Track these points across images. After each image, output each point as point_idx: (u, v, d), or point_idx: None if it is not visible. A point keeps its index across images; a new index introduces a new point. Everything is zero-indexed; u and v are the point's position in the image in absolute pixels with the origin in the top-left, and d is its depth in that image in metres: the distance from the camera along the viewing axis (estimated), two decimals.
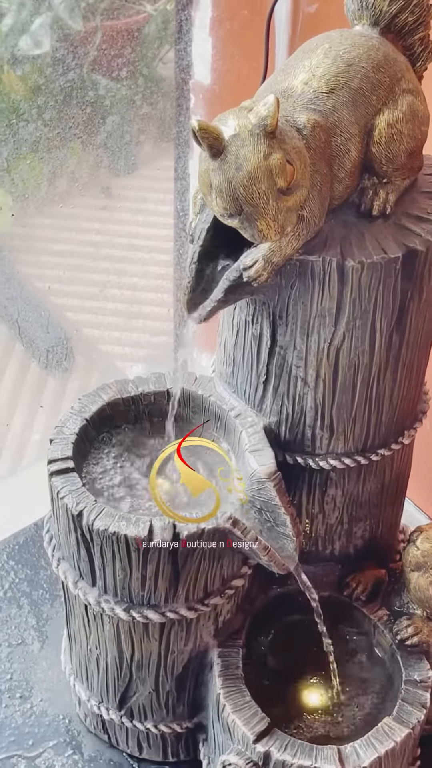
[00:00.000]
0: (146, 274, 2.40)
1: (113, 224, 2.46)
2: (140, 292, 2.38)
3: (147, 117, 2.40)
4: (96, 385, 1.33)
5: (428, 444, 1.50)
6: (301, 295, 1.13)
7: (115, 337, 2.35)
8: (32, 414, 2.20)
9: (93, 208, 2.46)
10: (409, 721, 1.23)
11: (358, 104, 1.09)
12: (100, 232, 2.44)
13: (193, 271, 1.11)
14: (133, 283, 2.39)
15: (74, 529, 1.18)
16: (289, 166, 1.01)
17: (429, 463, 1.56)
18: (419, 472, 1.44)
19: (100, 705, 1.36)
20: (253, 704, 1.23)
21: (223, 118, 1.02)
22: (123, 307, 2.37)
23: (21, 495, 1.97)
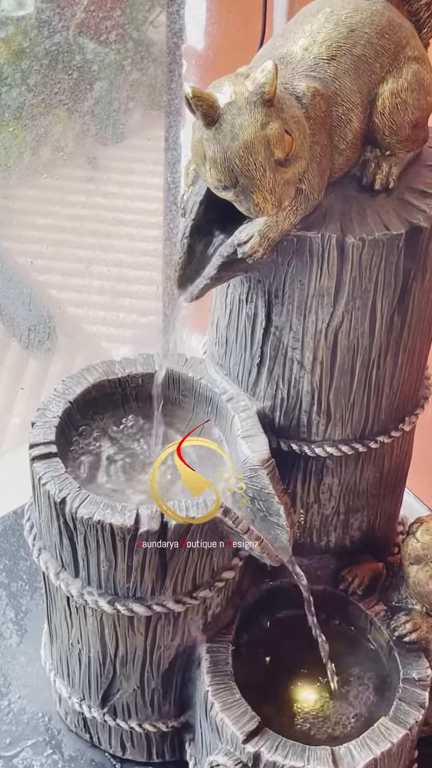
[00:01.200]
0: (134, 251, 2.40)
1: (100, 197, 2.46)
2: (128, 269, 2.38)
3: (137, 83, 2.40)
4: (80, 366, 1.32)
5: (429, 432, 1.50)
6: (298, 273, 1.13)
7: (101, 317, 2.35)
8: (12, 396, 2.20)
9: (78, 180, 2.45)
10: (406, 721, 1.24)
11: (361, 72, 1.09)
12: (85, 204, 2.44)
13: (185, 247, 1.11)
14: (120, 260, 2.39)
15: (57, 517, 1.18)
16: (288, 136, 1.01)
17: (430, 451, 1.56)
18: (420, 461, 1.44)
19: (82, 702, 1.36)
20: (242, 702, 1.24)
21: (218, 84, 1.02)
22: (109, 285, 2.37)
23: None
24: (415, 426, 1.33)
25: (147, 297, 2.35)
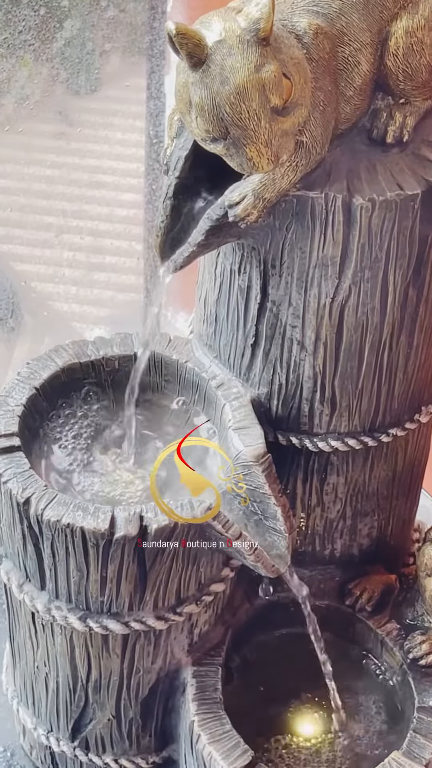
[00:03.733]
0: (111, 217, 2.40)
1: (71, 155, 2.46)
2: (103, 238, 2.39)
3: (114, 22, 2.40)
4: (48, 348, 1.33)
5: None
6: (298, 239, 1.13)
7: (72, 293, 2.35)
8: None
9: (47, 135, 2.45)
10: (422, 756, 1.24)
11: (371, 7, 1.09)
12: (55, 163, 2.44)
13: (168, 208, 1.11)
14: (94, 228, 2.39)
15: (20, 521, 1.18)
16: (286, 80, 1.01)
17: None
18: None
19: (49, 734, 1.37)
20: (233, 734, 1.24)
21: (206, 20, 1.02)
22: (82, 257, 2.37)
23: None
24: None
25: (126, 271, 2.35)
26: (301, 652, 1.31)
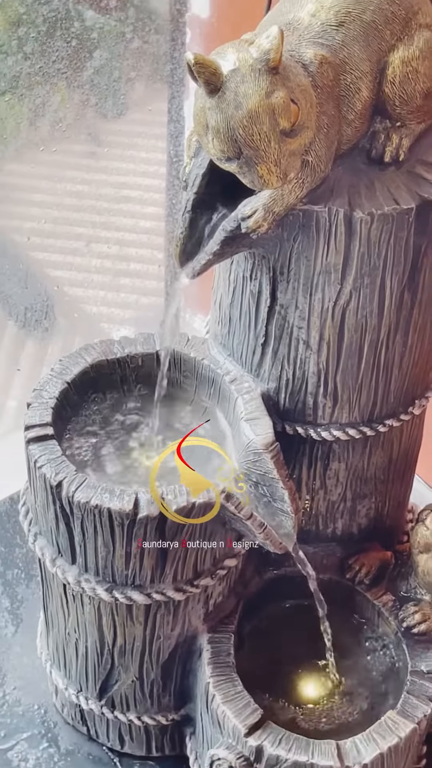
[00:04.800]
0: (135, 228, 2.40)
1: (100, 172, 2.46)
2: (129, 247, 2.38)
3: (138, 53, 2.39)
4: (79, 347, 1.32)
5: None
6: (304, 248, 1.13)
7: (101, 297, 2.35)
8: (8, 378, 2.21)
9: (78, 154, 2.45)
10: (414, 715, 1.24)
11: (371, 39, 1.08)
12: (85, 180, 2.44)
13: (187, 221, 1.11)
14: (120, 238, 2.39)
15: (53, 502, 1.19)
16: (293, 105, 1.01)
17: None
18: (430, 446, 1.44)
19: (79, 694, 1.37)
20: (245, 694, 1.24)
21: (221, 51, 1.02)
22: (109, 264, 2.37)
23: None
24: (426, 410, 1.33)
25: (148, 276, 2.35)
26: (306, 621, 1.31)
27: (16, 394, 2.17)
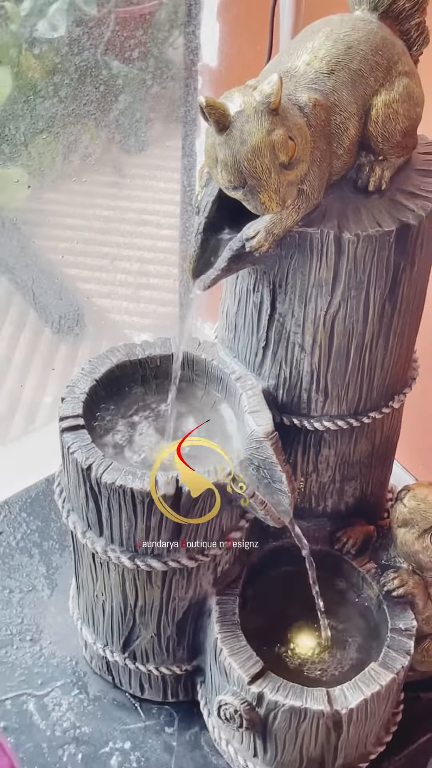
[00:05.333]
0: (154, 248, 2.40)
1: (123, 200, 2.46)
2: (148, 264, 2.38)
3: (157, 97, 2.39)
4: (105, 350, 1.33)
5: (416, 409, 1.50)
6: (299, 265, 1.13)
7: (124, 307, 2.35)
8: (44, 377, 2.21)
9: (104, 184, 2.45)
10: (393, 666, 1.24)
11: (357, 85, 1.08)
12: (111, 206, 2.44)
13: (199, 241, 1.11)
14: (141, 256, 2.39)
15: (83, 483, 1.19)
16: (291, 141, 1.01)
17: (417, 427, 1.56)
18: (407, 435, 1.44)
19: (105, 648, 1.37)
20: (248, 648, 1.24)
21: (229, 95, 1.02)
22: (131, 278, 2.37)
23: (33, 453, 1.98)
24: (404, 404, 1.33)
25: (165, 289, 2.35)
26: (300, 586, 1.31)
27: (51, 390, 2.18)
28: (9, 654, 1.44)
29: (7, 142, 2.26)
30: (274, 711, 1.21)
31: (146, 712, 1.39)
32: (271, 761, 1.28)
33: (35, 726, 1.37)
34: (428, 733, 1.39)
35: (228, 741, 1.32)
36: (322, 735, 1.22)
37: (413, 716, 1.39)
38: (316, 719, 1.20)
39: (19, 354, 2.24)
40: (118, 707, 1.39)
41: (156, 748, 1.36)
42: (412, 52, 1.16)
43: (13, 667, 1.43)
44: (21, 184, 2.34)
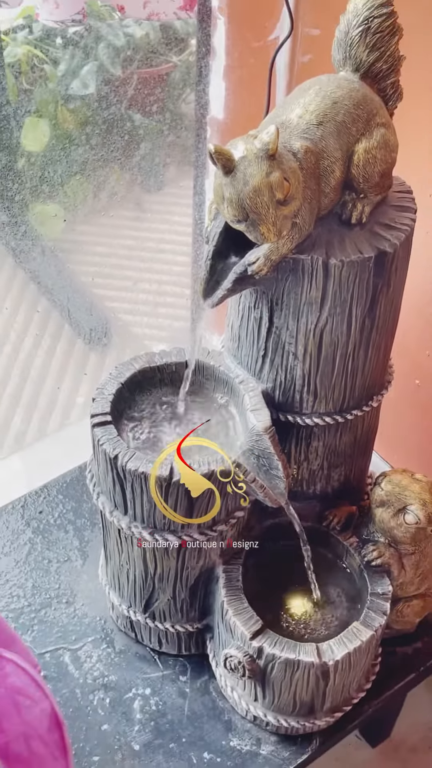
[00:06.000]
0: (170, 271, 2.40)
1: (144, 231, 2.46)
2: (164, 285, 2.39)
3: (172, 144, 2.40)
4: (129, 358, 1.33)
5: (392, 408, 1.50)
6: (293, 286, 1.13)
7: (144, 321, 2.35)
8: (77, 381, 2.21)
9: (128, 218, 2.46)
10: (373, 625, 1.24)
11: (342, 134, 1.08)
12: (133, 237, 2.44)
13: (208, 267, 1.11)
14: (159, 278, 2.39)
15: (111, 470, 1.19)
16: (286, 182, 1.01)
17: (392, 422, 1.56)
18: (384, 429, 1.44)
19: (129, 609, 1.37)
20: (249, 609, 1.24)
21: (233, 143, 1.02)
22: (151, 297, 2.37)
23: (68, 445, 1.98)
24: (381, 403, 1.33)
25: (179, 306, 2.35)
26: (294, 557, 1.31)
27: (83, 392, 2.18)
28: (48, 614, 1.44)
29: (46, 182, 2.27)
30: (272, 662, 1.21)
31: (164, 663, 1.39)
32: (269, 705, 1.28)
33: (70, 675, 1.38)
34: (402, 681, 1.39)
35: (233, 687, 1.32)
36: (312, 683, 1.22)
37: (389, 667, 1.39)
38: (307, 669, 1.20)
39: (56, 361, 2.24)
40: (139, 659, 1.39)
41: (172, 694, 1.36)
42: (388, 107, 1.16)
43: (51, 625, 1.43)
44: (58, 218, 2.35)
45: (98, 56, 2.34)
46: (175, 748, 1.30)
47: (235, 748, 1.30)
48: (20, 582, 1.48)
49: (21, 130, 2.28)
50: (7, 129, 2.23)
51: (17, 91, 2.32)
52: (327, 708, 1.28)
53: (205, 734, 1.32)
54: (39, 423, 2.10)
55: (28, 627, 1.43)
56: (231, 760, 1.29)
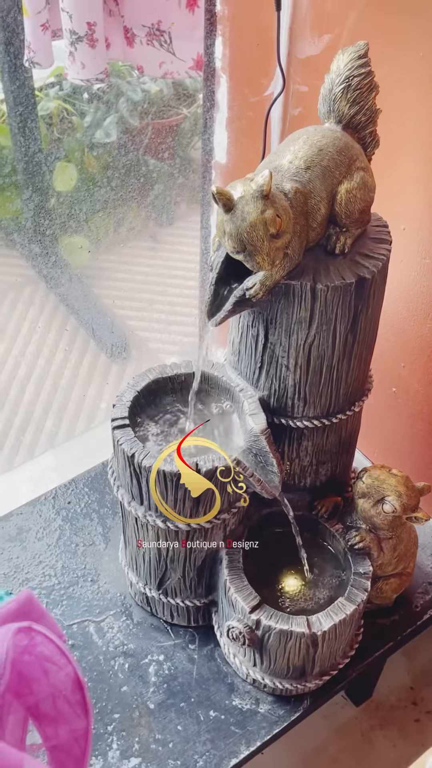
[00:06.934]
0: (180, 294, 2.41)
1: (158, 260, 2.47)
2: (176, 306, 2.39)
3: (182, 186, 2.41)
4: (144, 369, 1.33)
5: (372, 412, 1.50)
6: (285, 307, 1.13)
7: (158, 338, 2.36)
8: (101, 389, 2.21)
9: (144, 249, 2.47)
10: (356, 600, 1.24)
11: (327, 177, 1.09)
12: (149, 265, 2.45)
13: (212, 291, 1.11)
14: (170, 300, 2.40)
15: (129, 466, 1.19)
16: (278, 218, 1.01)
17: (372, 425, 1.56)
18: (365, 430, 1.44)
19: (145, 586, 1.37)
20: (249, 587, 1.24)
21: (233, 185, 1.02)
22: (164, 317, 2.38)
23: (92, 444, 1.98)
24: (362, 408, 1.33)
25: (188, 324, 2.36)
26: (288, 541, 1.31)
27: (106, 399, 2.18)
28: (75, 591, 1.45)
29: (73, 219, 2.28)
30: (268, 633, 1.21)
31: (175, 633, 1.39)
32: (266, 669, 1.28)
33: (94, 643, 1.37)
34: (381, 648, 1.39)
35: (234, 654, 1.32)
36: (303, 650, 1.22)
37: (370, 636, 1.38)
38: (299, 639, 1.20)
39: (82, 372, 2.25)
40: (154, 630, 1.39)
41: (182, 660, 1.36)
42: (367, 153, 1.16)
43: (78, 600, 1.43)
44: (83, 249, 2.36)
45: (119, 109, 2.35)
46: (185, 707, 1.30)
47: (237, 707, 1.30)
48: (51, 563, 1.49)
49: (52, 174, 2.29)
50: (39, 172, 2.24)
51: (49, 139, 2.33)
52: (316, 672, 1.28)
53: (211, 695, 1.31)
54: (68, 425, 2.11)
55: (58, 602, 1.43)
56: (233, 717, 1.29)
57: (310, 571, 1.32)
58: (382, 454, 1.68)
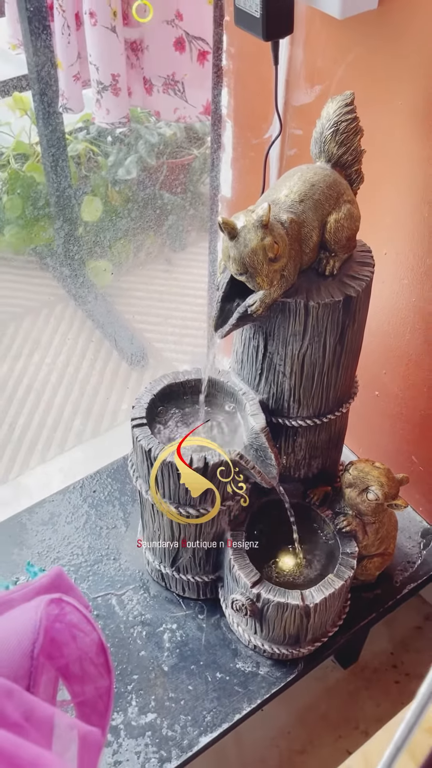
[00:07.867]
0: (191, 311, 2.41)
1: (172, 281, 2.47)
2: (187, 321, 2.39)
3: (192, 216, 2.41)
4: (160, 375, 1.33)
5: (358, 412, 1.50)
6: (282, 322, 1.13)
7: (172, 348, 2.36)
8: (122, 393, 2.22)
9: (160, 271, 2.47)
10: (343, 576, 1.24)
11: (318, 208, 1.09)
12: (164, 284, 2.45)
13: (218, 308, 1.11)
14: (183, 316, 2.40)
15: (146, 459, 1.19)
16: (276, 245, 1.01)
17: (358, 424, 1.56)
18: (352, 429, 1.44)
19: (160, 564, 1.37)
20: (250, 565, 1.24)
21: (237, 216, 1.03)
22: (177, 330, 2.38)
23: (115, 440, 1.99)
24: (349, 409, 1.33)
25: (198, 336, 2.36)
26: (284, 525, 1.31)
27: (126, 401, 2.18)
28: (99, 568, 1.45)
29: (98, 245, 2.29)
30: (267, 605, 1.21)
31: (186, 605, 1.39)
32: (266, 637, 1.28)
33: (116, 614, 1.38)
34: (366, 619, 1.38)
35: (238, 623, 1.32)
36: (298, 620, 1.22)
37: (357, 608, 1.38)
38: (294, 610, 1.20)
39: (105, 378, 2.25)
40: (168, 602, 1.39)
41: (192, 628, 1.36)
42: (353, 188, 1.16)
43: (102, 576, 1.43)
44: (107, 272, 2.36)
45: (138, 150, 2.36)
46: (195, 669, 1.30)
47: (240, 669, 1.30)
48: (79, 543, 1.49)
49: (80, 206, 2.30)
50: (69, 205, 2.25)
51: (77, 176, 2.34)
52: (309, 639, 1.28)
53: (217, 659, 1.31)
54: (93, 424, 2.11)
55: (84, 577, 1.43)
56: (237, 678, 1.29)
57: (303, 551, 1.32)
58: (366, 449, 1.68)
